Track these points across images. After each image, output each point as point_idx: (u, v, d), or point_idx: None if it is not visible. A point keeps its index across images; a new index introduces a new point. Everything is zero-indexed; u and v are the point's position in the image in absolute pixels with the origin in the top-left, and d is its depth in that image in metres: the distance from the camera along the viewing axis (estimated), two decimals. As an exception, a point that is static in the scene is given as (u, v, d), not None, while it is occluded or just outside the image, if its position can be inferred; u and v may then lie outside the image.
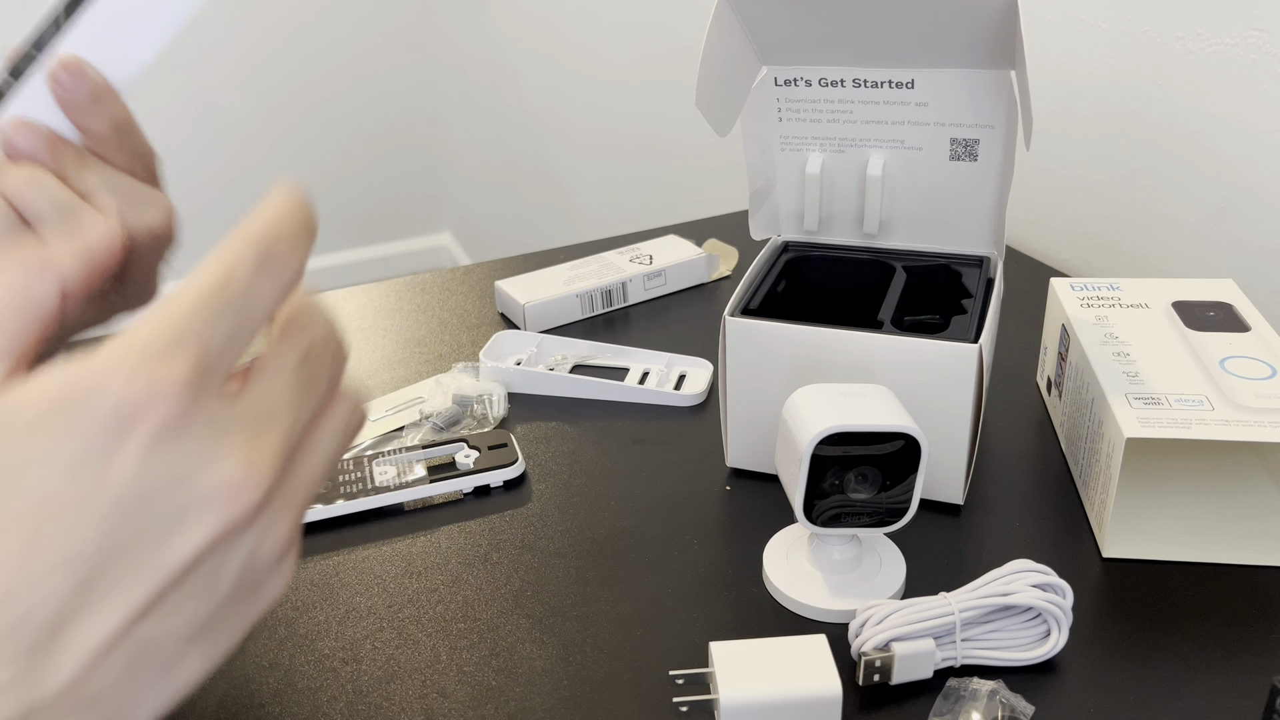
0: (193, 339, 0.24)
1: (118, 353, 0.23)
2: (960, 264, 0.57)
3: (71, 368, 0.24)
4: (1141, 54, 0.72)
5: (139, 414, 0.23)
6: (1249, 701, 0.41)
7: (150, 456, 0.23)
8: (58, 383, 0.23)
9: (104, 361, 0.23)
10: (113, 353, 0.23)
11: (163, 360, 0.23)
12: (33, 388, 0.24)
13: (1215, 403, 0.48)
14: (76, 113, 0.36)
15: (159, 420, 0.23)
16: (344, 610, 0.47)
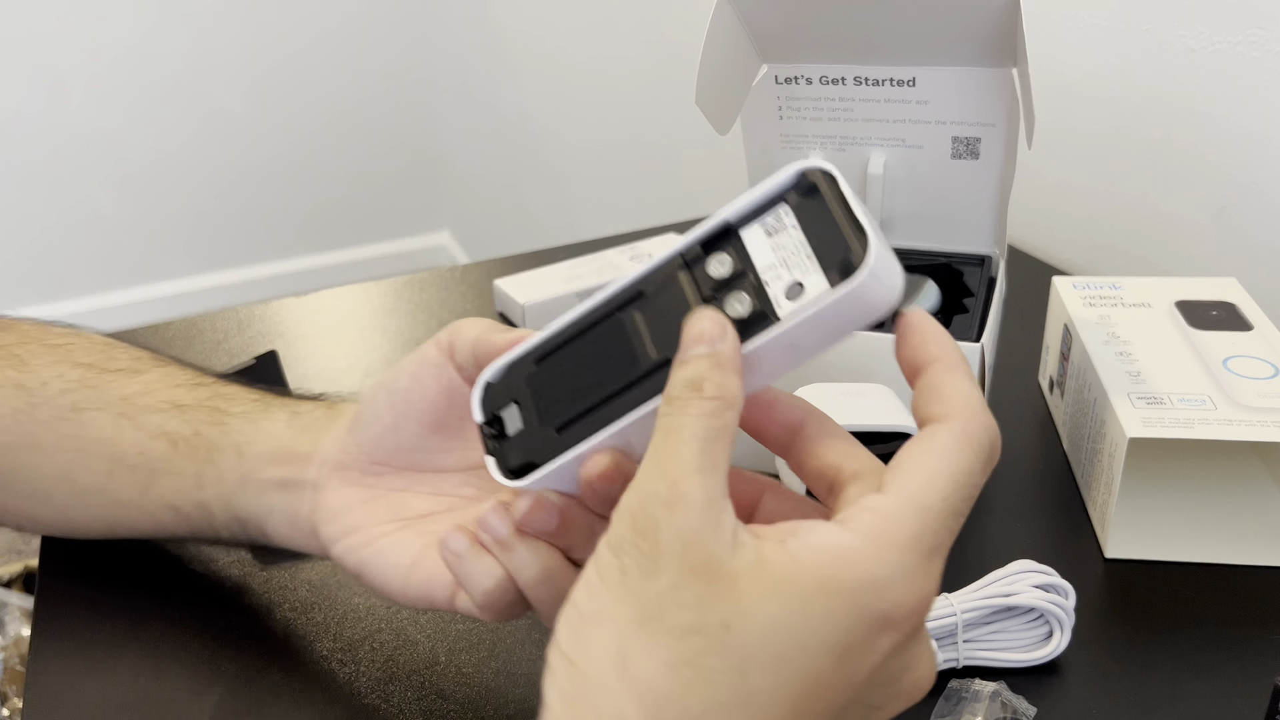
0: (945, 549, 0.26)
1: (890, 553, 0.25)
2: (962, 263, 0.57)
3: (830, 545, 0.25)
4: (1143, 52, 0.71)
5: (902, 621, 0.26)
6: (1251, 702, 0.41)
7: (890, 660, 0.26)
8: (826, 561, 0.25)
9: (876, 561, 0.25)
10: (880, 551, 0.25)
11: (925, 571, 0.26)
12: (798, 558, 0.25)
13: (1218, 402, 0.48)
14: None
15: (911, 628, 0.26)
16: (342, 611, 0.47)
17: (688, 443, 0.26)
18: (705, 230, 0.31)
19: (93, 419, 0.44)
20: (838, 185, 0.29)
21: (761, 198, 0.30)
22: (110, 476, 0.43)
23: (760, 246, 0.30)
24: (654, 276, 0.31)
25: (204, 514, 0.43)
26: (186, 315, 0.78)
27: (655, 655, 0.24)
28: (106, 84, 1.97)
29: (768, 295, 0.29)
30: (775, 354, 0.29)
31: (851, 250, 0.27)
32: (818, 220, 0.29)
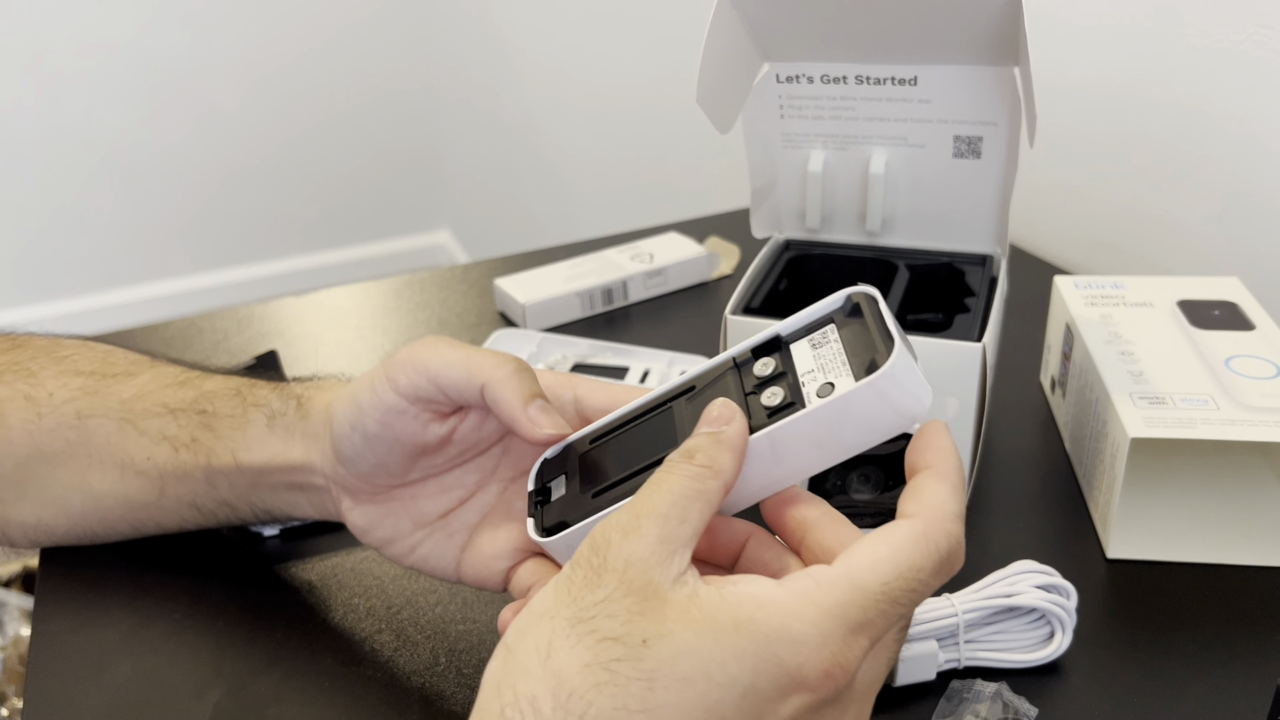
0: (874, 629, 0.28)
1: (811, 612, 0.27)
2: (963, 262, 0.57)
3: (759, 593, 0.27)
4: (1146, 50, 0.71)
5: (814, 685, 0.27)
6: (1253, 703, 0.41)
7: (800, 717, 0.27)
8: (750, 606, 0.27)
9: (793, 614, 0.27)
10: (800, 608, 0.27)
11: (848, 642, 0.27)
12: (726, 597, 0.27)
13: (1220, 402, 0.48)
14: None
15: (824, 697, 0.27)
16: (342, 612, 0.47)
17: (663, 493, 0.29)
18: (758, 339, 0.34)
19: (97, 425, 0.45)
20: (877, 305, 0.32)
21: (813, 317, 0.34)
22: (123, 482, 0.45)
23: (805, 357, 0.33)
24: (707, 374, 0.35)
25: (227, 509, 0.45)
26: (186, 315, 0.77)
27: (576, 653, 0.27)
28: (105, 83, 1.97)
29: (801, 392, 0.32)
30: (797, 442, 0.31)
31: (877, 353, 0.30)
32: (856, 335, 0.32)
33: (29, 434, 0.45)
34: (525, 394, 0.36)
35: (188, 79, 2.02)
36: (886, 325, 0.31)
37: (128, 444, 0.44)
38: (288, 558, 0.50)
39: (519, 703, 0.27)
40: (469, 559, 0.40)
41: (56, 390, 0.45)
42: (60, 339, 0.49)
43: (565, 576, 0.29)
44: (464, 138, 2.15)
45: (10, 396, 0.45)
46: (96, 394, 0.45)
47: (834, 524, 0.31)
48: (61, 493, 0.45)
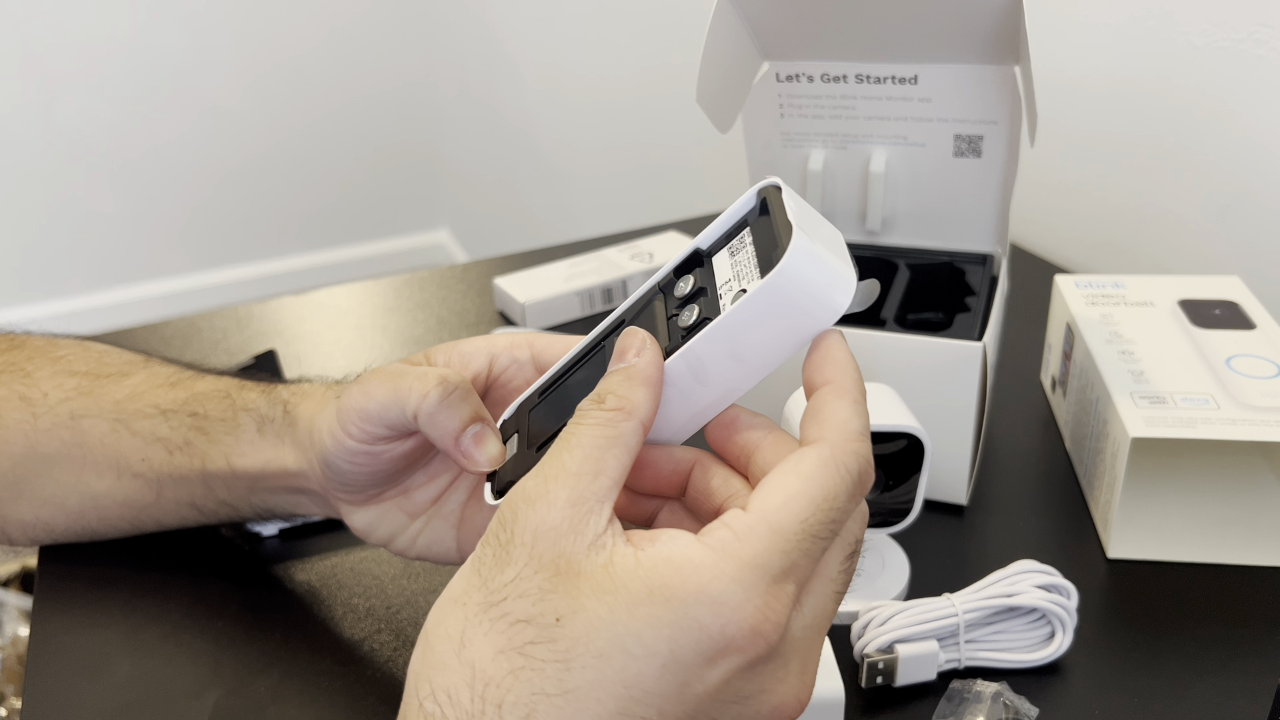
0: (799, 571, 0.26)
1: (726, 567, 0.25)
2: (964, 261, 0.57)
3: (677, 555, 0.26)
4: (1146, 50, 0.71)
5: (742, 645, 0.25)
6: (1255, 703, 0.41)
7: (734, 680, 0.26)
8: (665, 570, 0.26)
9: (712, 573, 0.25)
10: (720, 564, 0.25)
11: (773, 593, 0.26)
12: (642, 563, 0.26)
13: (1221, 402, 0.48)
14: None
15: (756, 655, 0.26)
16: (341, 612, 0.47)
17: (572, 449, 0.28)
18: (679, 258, 0.32)
19: (91, 426, 0.45)
20: (780, 195, 0.30)
21: (729, 222, 0.32)
22: (120, 483, 0.45)
23: (724, 267, 0.31)
24: (635, 305, 0.33)
25: (229, 509, 0.45)
26: (185, 314, 0.77)
27: (489, 640, 0.26)
28: (103, 82, 1.97)
29: (719, 305, 0.29)
30: (715, 359, 0.29)
31: (777, 247, 0.28)
32: (764, 232, 0.30)
33: (25, 434, 0.45)
34: (457, 426, 0.35)
35: (186, 78, 2.02)
36: (786, 214, 0.28)
37: (121, 445, 0.44)
38: (287, 558, 0.50)
39: (436, 695, 0.26)
40: (465, 534, 0.41)
41: (51, 390, 0.45)
42: (57, 339, 0.49)
43: (476, 556, 0.28)
44: (463, 136, 2.15)
45: (6, 397, 0.45)
46: (90, 394, 0.45)
47: (775, 442, 0.29)
48: (58, 492, 0.46)
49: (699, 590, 0.25)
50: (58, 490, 0.45)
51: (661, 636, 0.25)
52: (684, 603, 0.25)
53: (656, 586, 0.25)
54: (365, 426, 0.37)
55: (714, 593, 0.25)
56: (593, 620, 0.25)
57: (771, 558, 0.26)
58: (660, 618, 0.25)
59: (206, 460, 0.44)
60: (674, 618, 0.25)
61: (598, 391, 0.29)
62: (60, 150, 1.99)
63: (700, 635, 0.25)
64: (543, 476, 0.27)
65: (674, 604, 0.25)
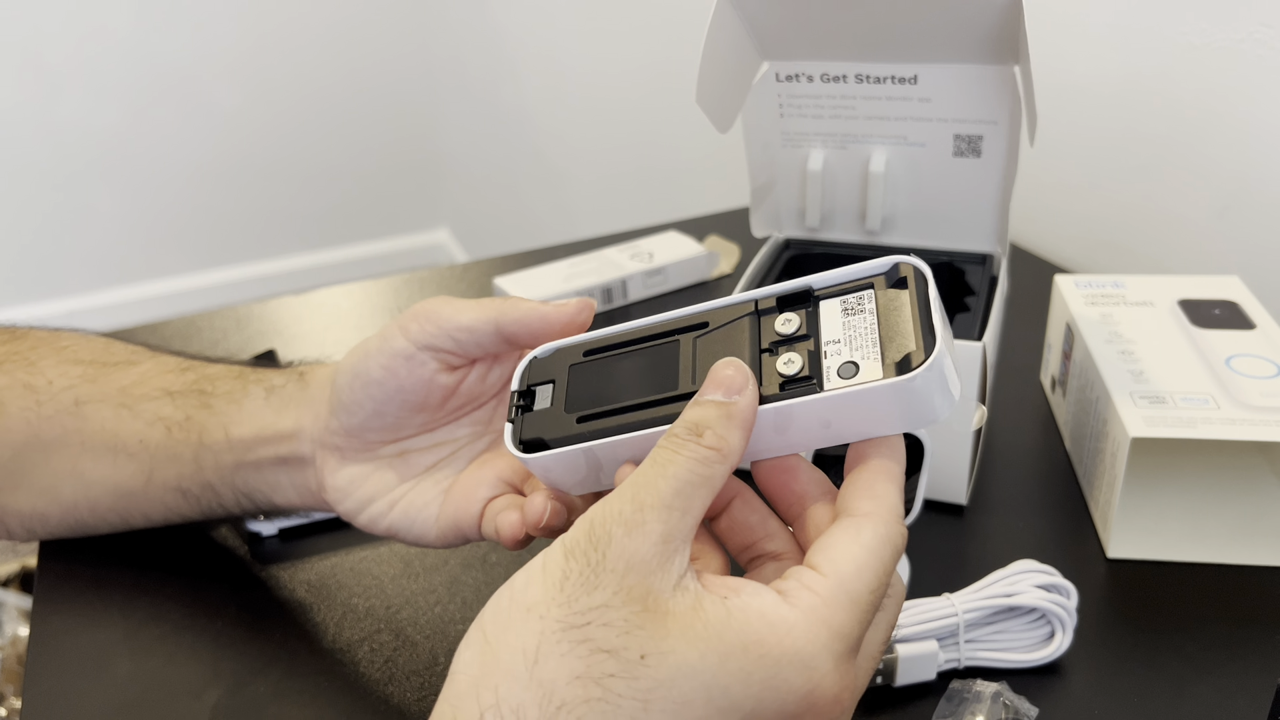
0: (860, 640, 0.27)
1: (820, 633, 0.26)
2: (964, 261, 0.57)
3: (769, 612, 0.26)
4: (1146, 49, 0.71)
5: (822, 710, 0.26)
6: (1254, 703, 0.41)
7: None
8: (760, 626, 0.26)
9: (807, 638, 0.26)
10: (814, 630, 0.26)
11: (850, 661, 0.27)
12: (734, 615, 0.26)
13: (1221, 402, 0.48)
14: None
15: (829, 718, 0.26)
16: (341, 612, 0.47)
17: (669, 479, 0.27)
18: (787, 287, 0.31)
19: (94, 411, 0.45)
20: (925, 285, 0.29)
21: (851, 276, 0.31)
22: (114, 467, 0.45)
23: (833, 321, 0.30)
24: (723, 312, 0.32)
25: (211, 494, 0.44)
26: (184, 314, 0.77)
27: (567, 662, 0.25)
28: (102, 81, 1.96)
29: (821, 365, 0.29)
30: (807, 422, 0.29)
31: (914, 349, 0.28)
32: (894, 314, 0.29)
33: (27, 422, 0.45)
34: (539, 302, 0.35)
35: (186, 77, 2.02)
36: (931, 315, 0.28)
37: (121, 427, 0.44)
38: (287, 558, 0.50)
39: (500, 708, 0.25)
40: (449, 507, 0.39)
41: (56, 379, 0.45)
42: (60, 331, 0.49)
43: (559, 568, 0.26)
44: (463, 136, 2.15)
45: (9, 385, 0.45)
46: (96, 381, 0.45)
47: (830, 507, 0.30)
48: (54, 481, 0.45)
49: (795, 653, 0.26)
50: (54, 479, 0.45)
51: (750, 694, 0.25)
52: (778, 662, 0.26)
53: (751, 642, 0.26)
54: (428, 328, 0.36)
55: (807, 656, 0.26)
56: (681, 665, 0.25)
57: (853, 628, 0.27)
58: (752, 674, 0.25)
59: (204, 433, 0.43)
60: (765, 675, 0.25)
61: (695, 422, 0.28)
62: (60, 150, 1.99)
63: (788, 696, 0.26)
64: (638, 503, 0.27)
65: (767, 661, 0.25)
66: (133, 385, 0.45)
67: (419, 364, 0.37)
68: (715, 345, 0.31)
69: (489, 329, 0.36)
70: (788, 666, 0.25)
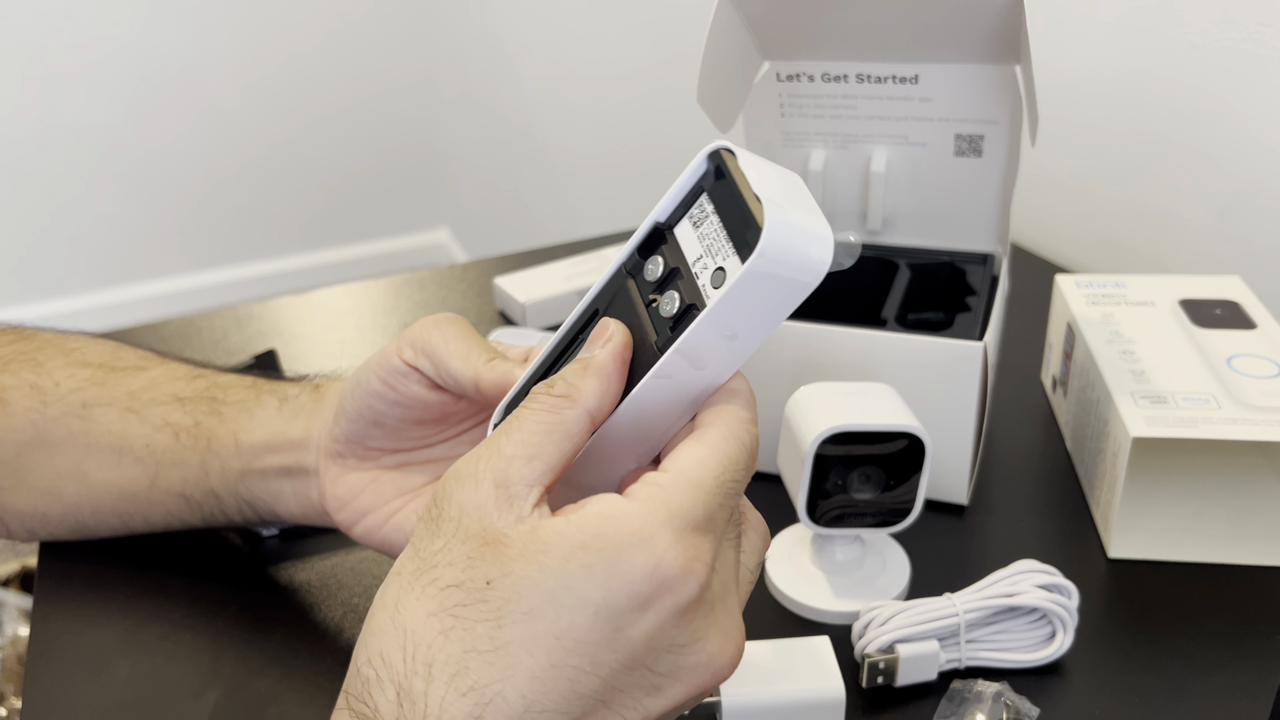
0: (714, 524, 0.28)
1: (658, 513, 0.27)
2: (965, 261, 0.57)
3: (608, 509, 0.27)
4: (1147, 49, 0.71)
5: (674, 584, 0.26)
6: (1255, 703, 0.41)
7: (667, 625, 0.27)
8: (596, 522, 0.27)
9: (643, 519, 0.27)
10: (651, 511, 0.27)
11: (697, 537, 0.27)
12: (571, 521, 0.27)
13: (1222, 402, 0.48)
14: None
15: (686, 597, 0.27)
16: (341, 612, 0.47)
17: (511, 433, 0.28)
18: (639, 236, 0.31)
19: (101, 414, 0.45)
20: (736, 160, 0.28)
21: (683, 191, 0.30)
22: (119, 470, 0.45)
23: (690, 241, 0.29)
24: (605, 292, 0.32)
25: (213, 501, 0.45)
26: (184, 314, 0.77)
27: (420, 605, 0.27)
28: (102, 81, 1.96)
29: (697, 287, 0.28)
30: (713, 345, 0.28)
31: (750, 223, 0.27)
32: (728, 202, 0.28)
33: (33, 422, 0.45)
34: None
35: (186, 78, 2.02)
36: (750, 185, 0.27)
37: (129, 431, 0.45)
38: (287, 558, 0.50)
39: (371, 660, 0.27)
40: None
41: (64, 380, 0.46)
42: (67, 333, 0.49)
43: (414, 532, 0.29)
44: (463, 136, 2.15)
45: (16, 385, 0.45)
46: (104, 385, 0.46)
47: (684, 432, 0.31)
48: (57, 481, 0.45)
49: (633, 534, 0.26)
50: (56, 479, 0.45)
51: (595, 583, 0.26)
52: (617, 548, 0.26)
53: (590, 538, 0.26)
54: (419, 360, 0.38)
55: (645, 535, 0.26)
56: (523, 578, 0.26)
57: (695, 507, 0.27)
58: (593, 565, 0.26)
59: (213, 440, 0.44)
60: (607, 563, 0.26)
61: (551, 378, 0.30)
62: (60, 150, 1.99)
63: (633, 576, 0.26)
64: (476, 456, 0.28)
65: (607, 550, 0.26)
66: (142, 390, 0.45)
67: (415, 380, 0.38)
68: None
69: (470, 387, 0.37)
70: (627, 549, 0.26)
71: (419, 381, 0.38)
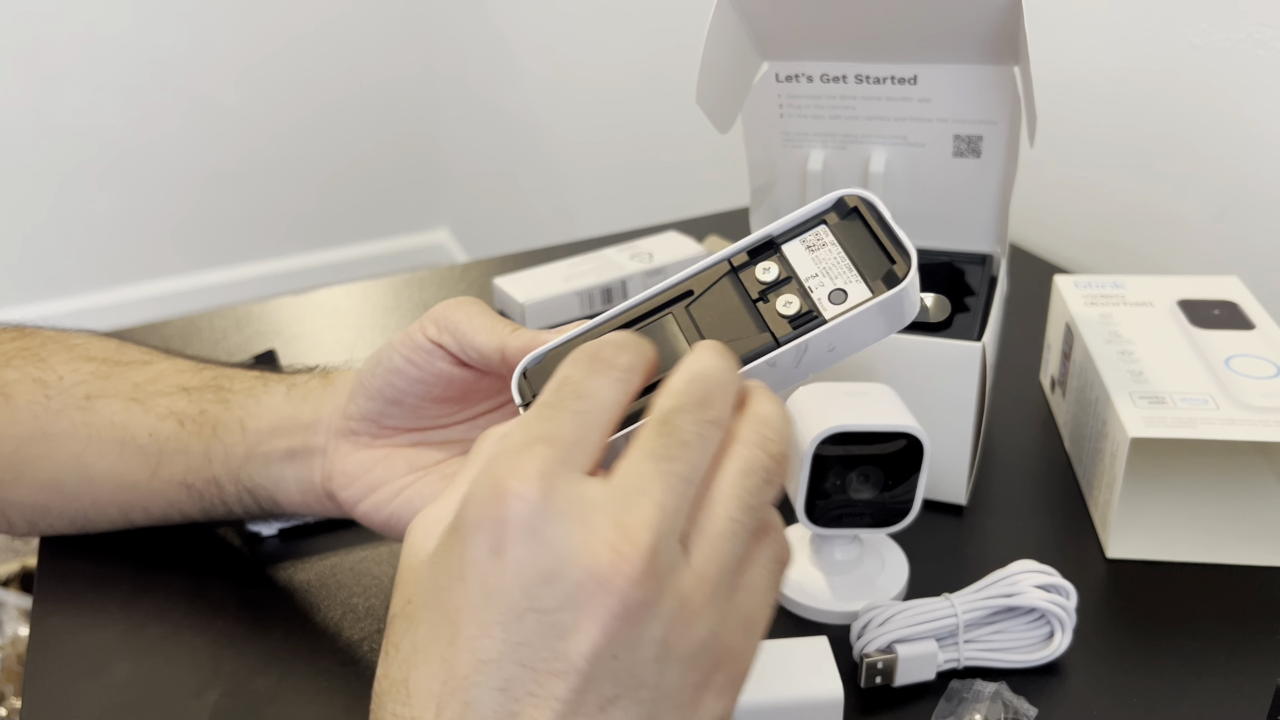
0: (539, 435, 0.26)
1: (486, 464, 0.26)
2: (963, 261, 0.57)
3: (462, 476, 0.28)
4: (1146, 49, 0.71)
5: (504, 506, 0.24)
6: (1254, 703, 0.41)
7: (520, 555, 0.24)
8: (458, 493, 0.27)
9: (478, 469, 0.27)
10: (485, 463, 0.26)
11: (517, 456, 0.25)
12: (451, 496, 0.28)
13: (1220, 402, 0.48)
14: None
15: (517, 514, 0.24)
16: (341, 612, 0.47)
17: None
18: (751, 240, 0.34)
19: (104, 405, 0.45)
20: (877, 208, 0.32)
21: (801, 218, 0.33)
22: (120, 459, 0.45)
23: (802, 259, 0.33)
24: (702, 278, 0.33)
25: (215, 489, 0.45)
26: (184, 314, 0.77)
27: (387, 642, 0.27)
28: (102, 81, 1.97)
29: (813, 299, 0.32)
30: (818, 350, 0.32)
31: (896, 263, 0.31)
32: (857, 239, 0.32)
33: (35, 415, 0.45)
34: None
35: (186, 77, 2.02)
36: (894, 232, 0.31)
37: (132, 421, 0.45)
38: (287, 557, 0.50)
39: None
40: None
41: (67, 374, 0.46)
42: (69, 331, 0.49)
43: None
44: (463, 136, 2.15)
45: (19, 379, 0.45)
46: (108, 378, 0.46)
47: None
48: (57, 473, 0.45)
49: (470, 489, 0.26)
50: (57, 472, 0.45)
51: (451, 549, 0.26)
52: (465, 506, 0.26)
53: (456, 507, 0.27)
54: (443, 337, 0.38)
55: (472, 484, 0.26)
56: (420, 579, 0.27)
57: (534, 419, 0.26)
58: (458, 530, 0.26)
59: (219, 425, 0.44)
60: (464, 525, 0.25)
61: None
62: (60, 150, 1.99)
63: (468, 519, 0.25)
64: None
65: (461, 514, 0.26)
66: (147, 382, 0.46)
67: (439, 358, 0.39)
68: (708, 309, 0.33)
69: (495, 356, 0.37)
70: (473, 480, 0.26)
71: (443, 358, 0.38)
